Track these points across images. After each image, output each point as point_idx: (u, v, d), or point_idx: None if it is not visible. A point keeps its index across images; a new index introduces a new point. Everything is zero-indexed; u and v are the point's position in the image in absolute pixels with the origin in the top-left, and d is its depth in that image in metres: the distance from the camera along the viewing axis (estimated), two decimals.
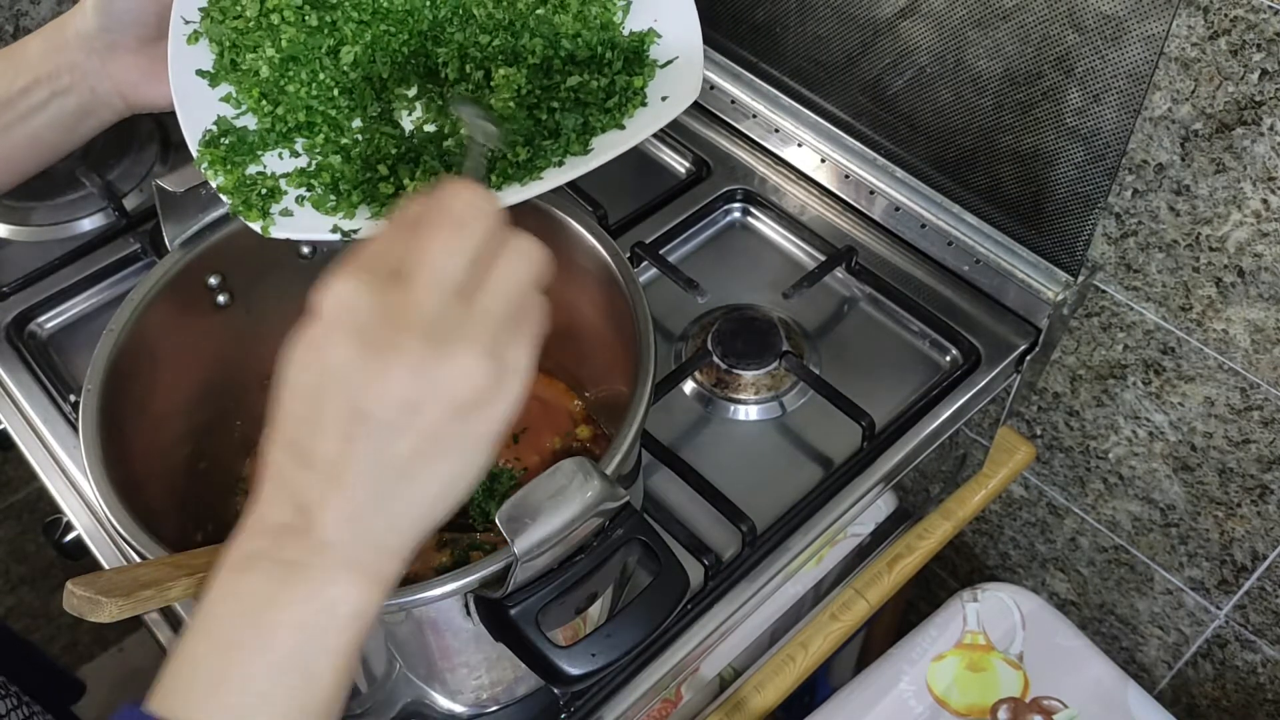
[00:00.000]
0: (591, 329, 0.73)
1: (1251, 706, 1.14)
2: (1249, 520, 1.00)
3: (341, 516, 0.43)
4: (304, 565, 0.43)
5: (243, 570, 0.43)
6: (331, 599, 0.43)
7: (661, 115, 0.63)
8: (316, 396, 0.43)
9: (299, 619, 0.43)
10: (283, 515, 0.43)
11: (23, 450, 0.83)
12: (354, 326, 0.42)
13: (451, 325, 0.42)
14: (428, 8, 0.66)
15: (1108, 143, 0.77)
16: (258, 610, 0.43)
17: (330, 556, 0.43)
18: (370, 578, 0.44)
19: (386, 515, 0.43)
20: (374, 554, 0.44)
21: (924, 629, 0.98)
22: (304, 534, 0.43)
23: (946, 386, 0.85)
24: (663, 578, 0.56)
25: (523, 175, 0.61)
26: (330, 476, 0.43)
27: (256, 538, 0.44)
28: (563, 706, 0.72)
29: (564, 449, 0.76)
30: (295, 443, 0.43)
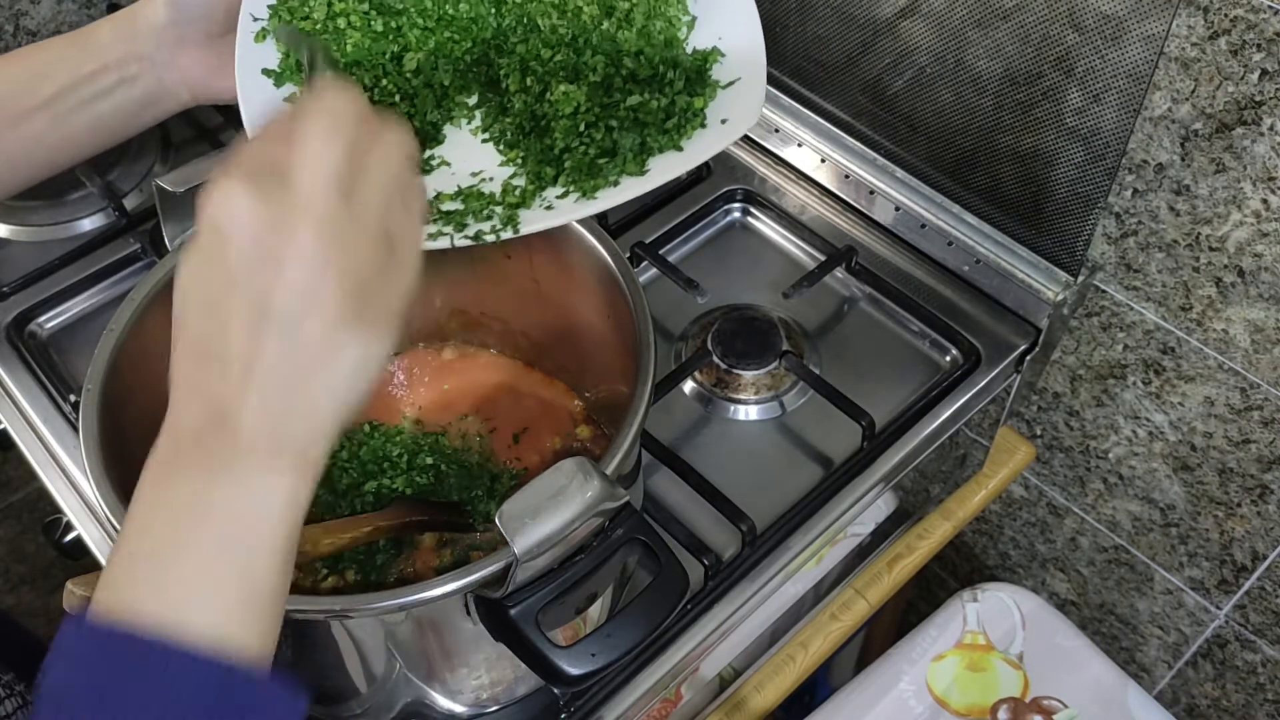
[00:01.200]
0: (591, 329, 0.73)
1: (1251, 706, 1.14)
2: (1249, 520, 1.00)
3: (257, 411, 0.44)
4: (228, 462, 0.44)
5: (168, 477, 0.44)
6: (260, 490, 0.44)
7: (720, 138, 0.61)
8: (217, 303, 0.44)
9: (231, 513, 0.43)
10: (197, 420, 0.44)
11: (23, 450, 0.83)
12: (245, 230, 0.43)
13: (338, 213, 0.44)
14: (492, 16, 0.66)
15: (1108, 143, 0.77)
16: (189, 509, 0.43)
17: (252, 451, 0.44)
18: (295, 465, 0.45)
19: (303, 403, 0.45)
20: (295, 441, 0.45)
21: (924, 629, 0.98)
22: (221, 435, 0.44)
23: (946, 386, 0.85)
24: (663, 578, 0.56)
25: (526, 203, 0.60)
26: (241, 374, 0.44)
27: (175, 446, 0.44)
28: (563, 706, 0.72)
29: (564, 449, 0.76)
30: (202, 350, 0.44)
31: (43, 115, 0.68)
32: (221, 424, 0.44)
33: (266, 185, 0.44)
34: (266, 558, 0.44)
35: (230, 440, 0.44)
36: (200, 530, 0.43)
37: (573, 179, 0.61)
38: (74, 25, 1.15)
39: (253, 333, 0.43)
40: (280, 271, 0.43)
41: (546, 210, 0.60)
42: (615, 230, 0.95)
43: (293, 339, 0.44)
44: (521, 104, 0.62)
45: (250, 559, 0.43)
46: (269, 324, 0.43)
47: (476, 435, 0.77)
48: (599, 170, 0.60)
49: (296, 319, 0.43)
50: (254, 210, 0.43)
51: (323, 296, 0.44)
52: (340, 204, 0.44)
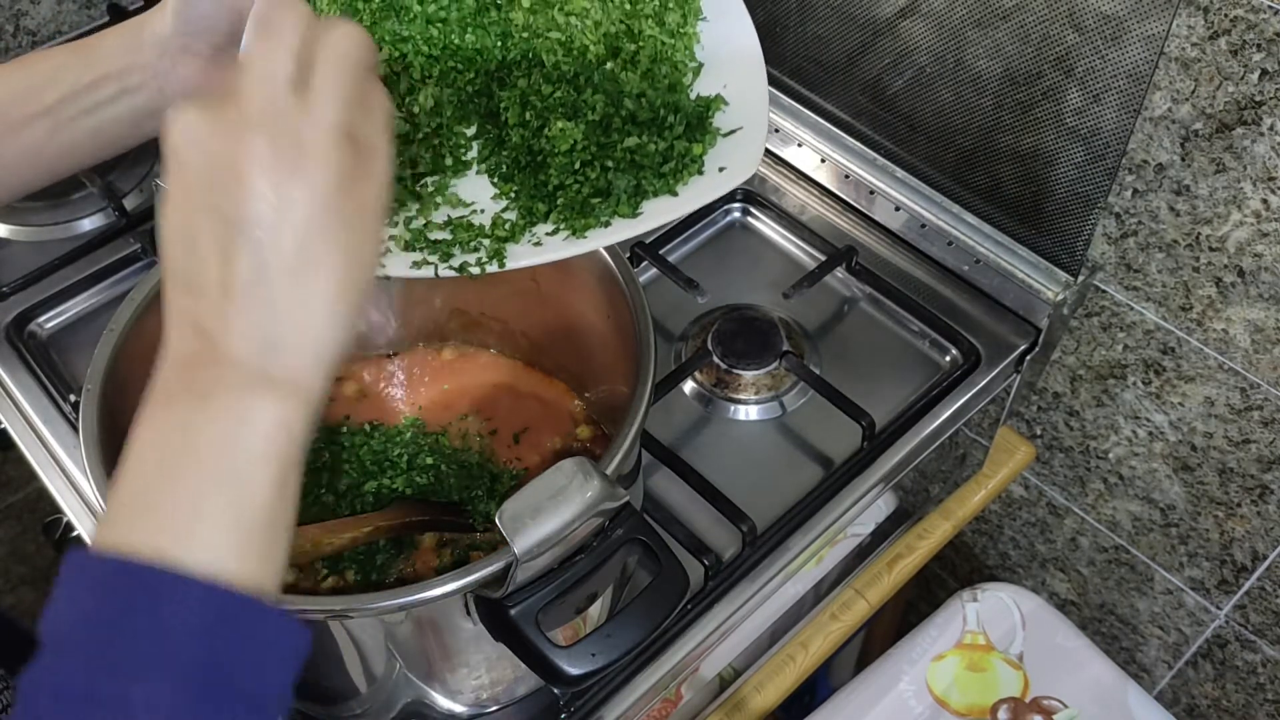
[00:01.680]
0: (591, 329, 0.73)
1: (1251, 706, 1.14)
2: (1249, 520, 1.00)
3: (242, 332, 0.43)
4: (216, 385, 0.43)
5: (161, 406, 0.44)
6: (249, 409, 0.43)
7: (716, 186, 0.60)
8: (189, 228, 0.44)
9: (221, 434, 0.43)
10: (188, 346, 0.44)
11: (23, 450, 0.83)
12: (199, 147, 0.43)
13: (293, 117, 0.43)
14: (498, 49, 0.66)
15: (1108, 143, 0.77)
16: (181, 436, 0.43)
17: (240, 372, 0.43)
18: (286, 390, 0.44)
19: (288, 319, 0.44)
20: (285, 363, 0.44)
21: (924, 629, 0.98)
22: (210, 357, 0.43)
23: (946, 386, 0.85)
24: (663, 578, 0.56)
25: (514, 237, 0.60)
26: (222, 295, 0.43)
27: (169, 373, 0.44)
28: (563, 706, 0.72)
29: (564, 449, 0.76)
30: (184, 275, 0.44)
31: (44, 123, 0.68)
32: (209, 349, 0.43)
33: (215, 102, 0.44)
34: (260, 486, 0.43)
35: (216, 365, 0.43)
36: (190, 460, 0.43)
37: (564, 217, 0.60)
38: (74, 25, 1.15)
39: (223, 250, 0.43)
40: (240, 182, 0.43)
41: (534, 246, 0.59)
42: None
43: (265, 256, 0.43)
44: (519, 138, 0.62)
45: (242, 488, 0.43)
46: (238, 238, 0.43)
47: (476, 435, 0.77)
48: (591, 209, 0.60)
49: (266, 229, 0.43)
50: (205, 125, 0.43)
51: (290, 202, 0.43)
52: (292, 105, 0.43)
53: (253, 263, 0.43)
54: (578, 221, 0.59)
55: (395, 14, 0.65)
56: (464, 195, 0.62)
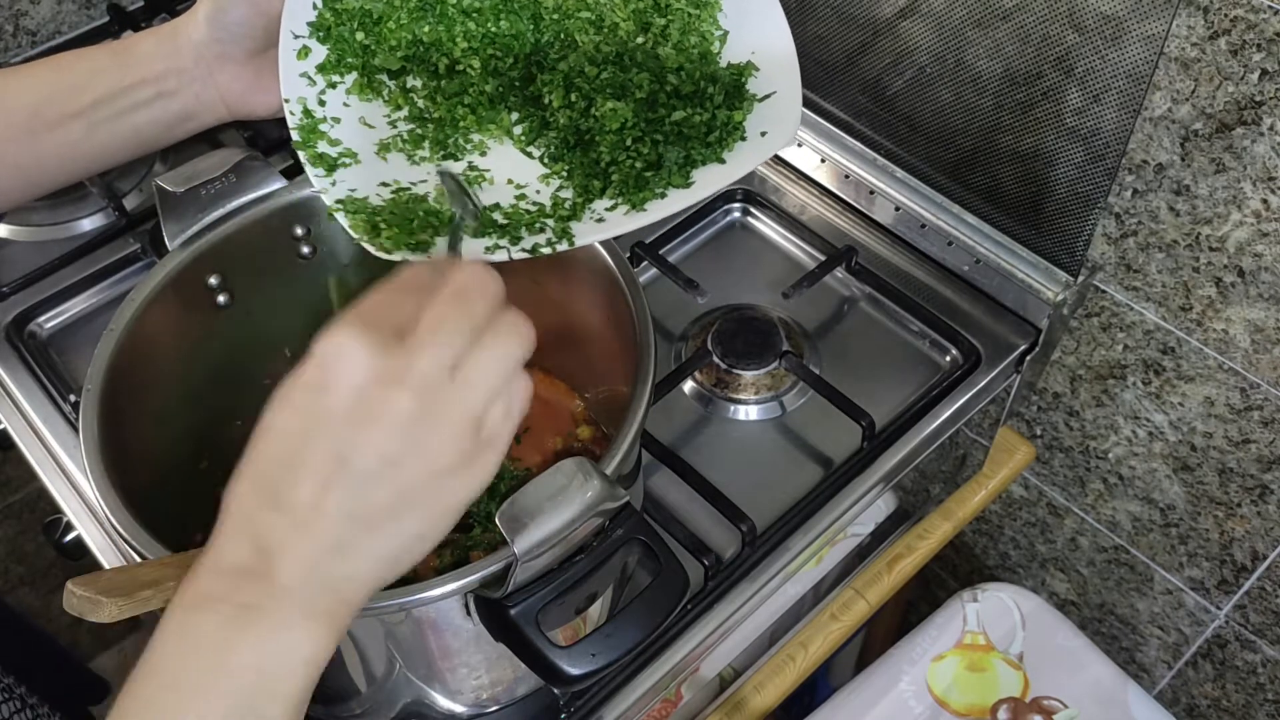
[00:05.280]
0: (592, 329, 0.73)
1: (1251, 706, 1.14)
2: (1249, 520, 1.00)
3: (304, 562, 0.43)
4: (260, 609, 0.43)
5: (197, 610, 0.43)
6: (286, 644, 0.43)
7: (761, 150, 0.62)
8: (300, 440, 0.43)
9: (253, 663, 0.43)
10: (242, 556, 0.43)
11: (23, 450, 0.83)
12: (350, 377, 0.43)
13: (443, 392, 0.44)
14: (531, 32, 0.67)
15: (1108, 143, 0.77)
16: (211, 652, 0.42)
17: (287, 602, 0.43)
18: (325, 625, 0.44)
19: (348, 565, 0.44)
20: (330, 602, 0.44)
21: (924, 629, 0.98)
22: (262, 577, 0.43)
23: (946, 386, 0.85)
24: (663, 578, 0.56)
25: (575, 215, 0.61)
26: (299, 521, 0.43)
27: (213, 577, 0.44)
28: (563, 706, 0.72)
29: (565, 449, 0.76)
30: (268, 483, 0.44)
31: (79, 123, 0.68)
32: (265, 566, 0.43)
33: (385, 342, 0.43)
34: (279, 716, 0.43)
35: (265, 586, 0.43)
36: (217, 678, 0.42)
37: (620, 191, 0.61)
38: (74, 25, 1.15)
39: (324, 482, 0.43)
40: (370, 427, 0.43)
41: (598, 222, 0.60)
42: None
43: (357, 501, 0.43)
44: (566, 119, 0.63)
45: (262, 714, 0.43)
46: (342, 477, 0.43)
47: None
48: (646, 183, 0.61)
49: (368, 482, 0.43)
50: (365, 363, 0.43)
51: (401, 468, 0.43)
52: (449, 385, 0.44)
53: (344, 504, 0.43)
54: (635, 195, 0.61)
55: (430, 10, 0.66)
56: (517, 178, 0.63)
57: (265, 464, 0.44)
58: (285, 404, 0.44)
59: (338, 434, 0.43)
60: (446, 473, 0.45)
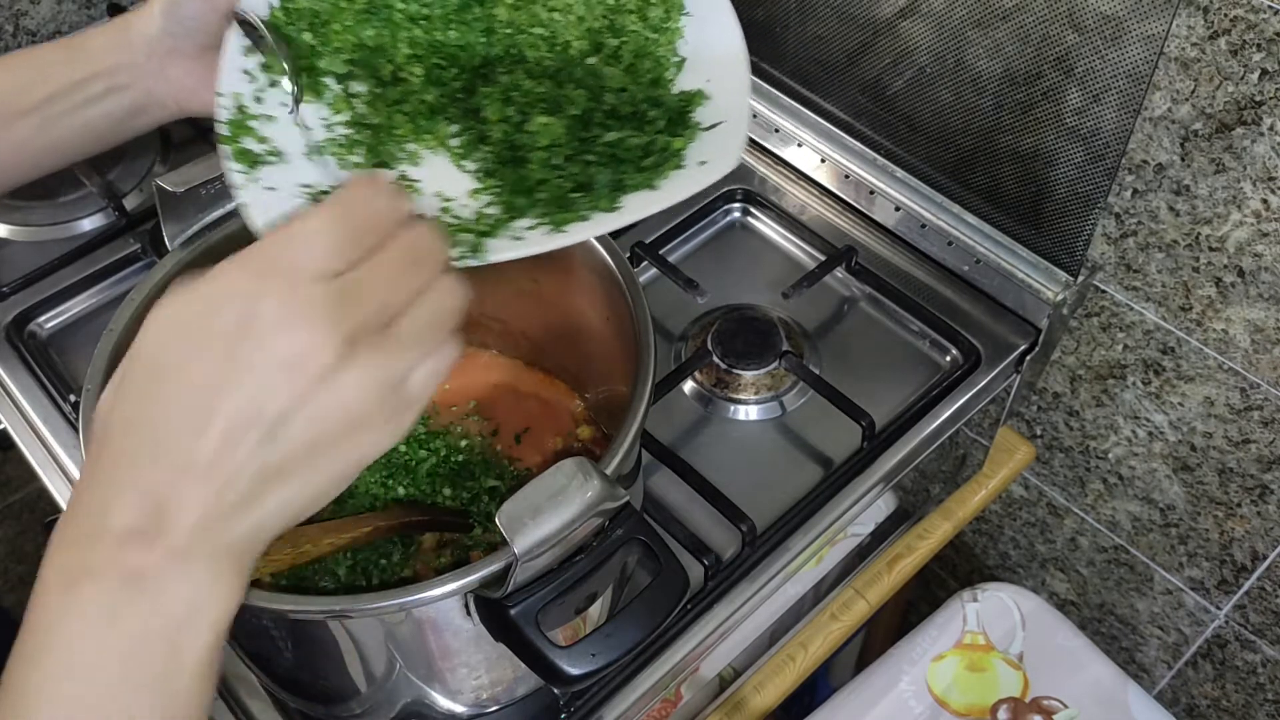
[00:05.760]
0: (591, 329, 0.73)
1: (1251, 706, 1.14)
2: (1249, 520, 1.00)
3: (205, 520, 0.40)
4: (154, 574, 0.40)
5: (79, 583, 0.40)
6: (186, 608, 0.40)
7: (697, 180, 0.60)
8: (206, 386, 0.40)
9: (151, 632, 0.40)
10: (131, 517, 0.40)
11: (23, 450, 0.83)
12: (276, 320, 0.40)
13: (375, 347, 0.42)
14: (482, 44, 0.65)
15: (1108, 143, 0.77)
16: (103, 628, 0.40)
17: (183, 563, 0.40)
18: (228, 581, 0.42)
19: (252, 518, 0.41)
20: (230, 559, 0.42)
21: (924, 629, 0.98)
22: (155, 539, 0.40)
23: (946, 386, 0.85)
24: (663, 578, 0.56)
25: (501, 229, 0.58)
26: (202, 478, 0.40)
27: (95, 545, 0.40)
28: (563, 706, 0.72)
29: (565, 449, 0.76)
30: (161, 433, 0.41)
31: (31, 120, 0.68)
32: (154, 527, 0.40)
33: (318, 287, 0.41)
34: (188, 682, 0.41)
35: (158, 549, 0.40)
36: (112, 655, 0.40)
37: (544, 211, 0.59)
38: (74, 26, 1.15)
39: (235, 434, 0.40)
40: (294, 379, 0.40)
41: (514, 240, 0.58)
42: (616, 230, 0.95)
43: (266, 456, 0.41)
44: (501, 133, 0.61)
45: (169, 684, 0.40)
46: (256, 430, 0.40)
47: (477, 435, 0.77)
48: (571, 204, 0.59)
49: (278, 436, 0.40)
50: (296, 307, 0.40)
51: (313, 421, 0.41)
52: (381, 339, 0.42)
53: (253, 459, 0.40)
54: (557, 215, 0.58)
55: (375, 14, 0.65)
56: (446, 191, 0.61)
57: (155, 409, 0.41)
58: (184, 341, 0.41)
59: (257, 381, 0.40)
60: (363, 427, 0.42)
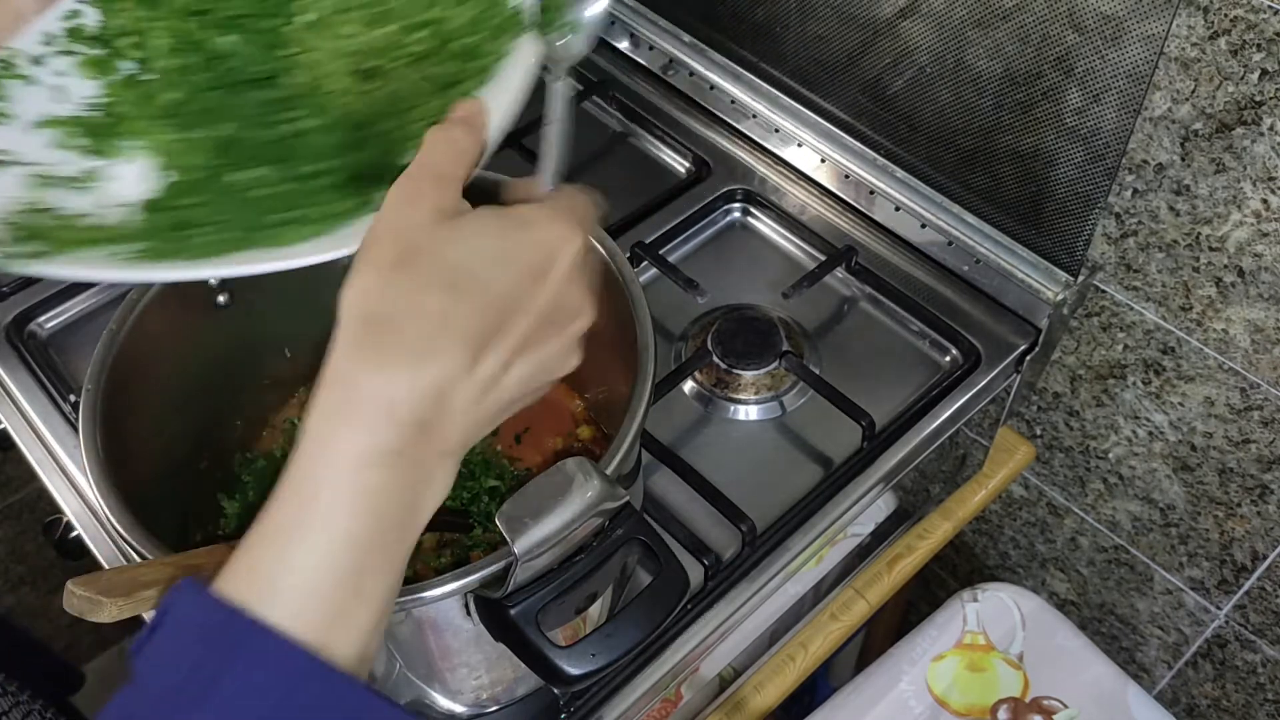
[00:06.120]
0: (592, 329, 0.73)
1: (1251, 706, 1.14)
2: (1249, 520, 1.00)
3: (468, 424, 0.45)
4: (431, 467, 0.44)
5: (384, 467, 0.43)
6: (432, 494, 0.45)
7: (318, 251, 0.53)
8: (510, 309, 0.45)
9: (404, 506, 0.44)
10: (425, 410, 0.43)
11: (23, 450, 0.83)
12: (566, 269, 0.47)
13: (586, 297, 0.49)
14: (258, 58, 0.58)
15: (1108, 143, 0.77)
16: (398, 515, 0.44)
17: (446, 458, 0.45)
18: (453, 475, 0.46)
19: (492, 425, 0.47)
20: (461, 456, 0.47)
21: (924, 629, 0.98)
22: (433, 432, 0.44)
23: (946, 386, 0.85)
24: (663, 578, 0.56)
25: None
26: (479, 385, 0.45)
27: (394, 428, 0.43)
28: (563, 706, 0.72)
29: (565, 449, 0.76)
30: (464, 338, 0.44)
31: None
32: (439, 422, 0.44)
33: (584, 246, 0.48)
34: (405, 554, 0.45)
35: (438, 444, 0.44)
36: (401, 542, 0.44)
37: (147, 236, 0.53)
38: None
39: (515, 354, 0.46)
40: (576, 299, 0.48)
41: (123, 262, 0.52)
42: (615, 230, 0.95)
43: (530, 379, 0.47)
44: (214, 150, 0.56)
45: (397, 554, 0.44)
46: (530, 357, 0.46)
47: None
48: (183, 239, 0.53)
49: (545, 363, 0.47)
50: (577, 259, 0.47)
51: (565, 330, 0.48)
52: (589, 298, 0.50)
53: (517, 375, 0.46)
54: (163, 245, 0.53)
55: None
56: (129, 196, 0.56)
57: (458, 310, 0.44)
58: (498, 260, 0.45)
59: (544, 315, 0.46)
60: (566, 357, 0.49)
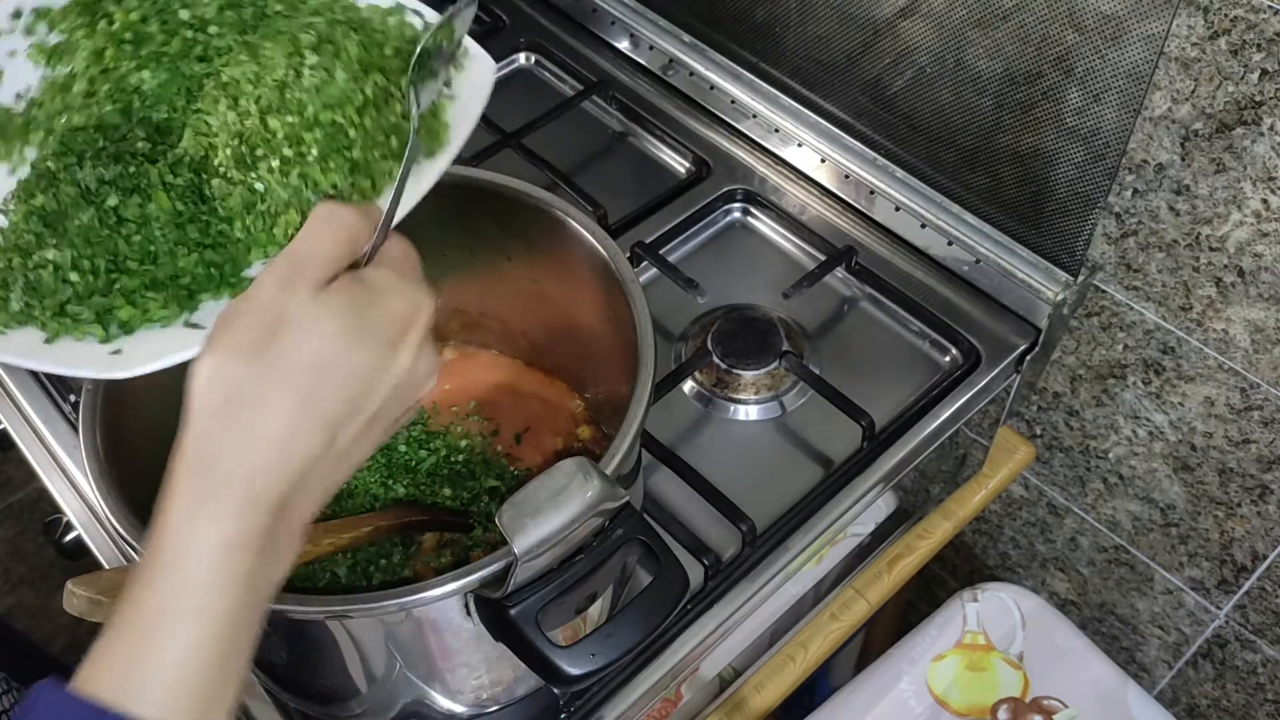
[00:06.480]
0: (591, 329, 0.73)
1: (1251, 706, 1.14)
2: (1249, 520, 1.00)
3: (324, 491, 0.46)
4: (290, 541, 0.45)
5: (250, 551, 0.43)
6: (291, 566, 0.46)
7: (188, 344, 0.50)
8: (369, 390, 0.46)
9: (261, 585, 0.44)
10: (287, 491, 0.44)
11: (23, 450, 0.83)
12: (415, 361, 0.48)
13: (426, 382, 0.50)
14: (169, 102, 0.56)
15: (1108, 142, 0.77)
16: (263, 592, 0.44)
17: (304, 529, 0.46)
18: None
19: (340, 485, 0.48)
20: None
21: (924, 629, 0.98)
22: (295, 511, 0.45)
23: (946, 386, 0.85)
24: (663, 578, 0.56)
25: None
26: (335, 463, 0.46)
27: (258, 512, 0.43)
28: (563, 706, 0.72)
29: (565, 449, 0.76)
30: (327, 421, 0.45)
31: None
32: (295, 502, 0.45)
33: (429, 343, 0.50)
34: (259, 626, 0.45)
35: (294, 523, 0.45)
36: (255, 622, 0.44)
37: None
38: None
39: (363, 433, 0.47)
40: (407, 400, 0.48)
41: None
42: (615, 230, 0.95)
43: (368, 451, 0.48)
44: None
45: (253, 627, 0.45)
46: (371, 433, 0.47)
47: (478, 435, 0.77)
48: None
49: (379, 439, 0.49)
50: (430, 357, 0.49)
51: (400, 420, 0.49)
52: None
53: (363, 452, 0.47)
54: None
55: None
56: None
57: (322, 393, 0.44)
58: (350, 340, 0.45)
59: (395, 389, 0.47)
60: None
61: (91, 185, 0.53)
